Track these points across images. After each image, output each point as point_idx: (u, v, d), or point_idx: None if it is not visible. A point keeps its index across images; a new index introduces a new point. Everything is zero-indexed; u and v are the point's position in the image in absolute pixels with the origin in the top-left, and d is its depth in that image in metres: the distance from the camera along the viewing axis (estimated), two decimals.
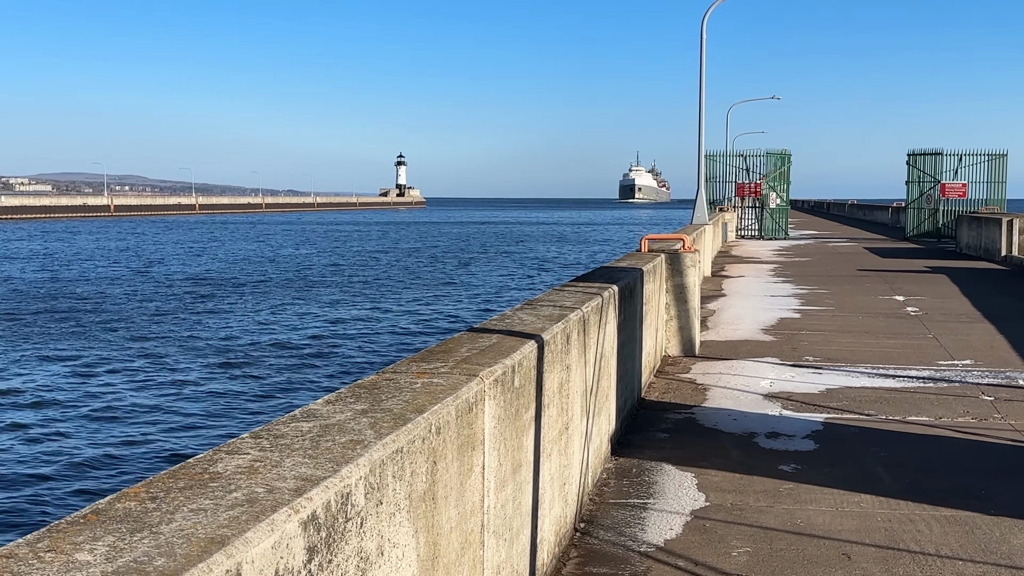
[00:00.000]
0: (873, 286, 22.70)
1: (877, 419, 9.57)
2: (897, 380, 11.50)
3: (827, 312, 18.00)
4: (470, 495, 3.95)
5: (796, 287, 22.59)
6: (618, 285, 8.45)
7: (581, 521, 6.57)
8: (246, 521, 2.25)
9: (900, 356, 13.15)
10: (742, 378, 11.65)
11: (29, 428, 17.86)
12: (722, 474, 7.65)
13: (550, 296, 7.40)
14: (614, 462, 8.02)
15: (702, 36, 32.58)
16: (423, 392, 3.73)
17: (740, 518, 6.62)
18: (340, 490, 2.61)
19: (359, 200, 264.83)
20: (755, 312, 17.87)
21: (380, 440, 2.99)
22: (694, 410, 9.97)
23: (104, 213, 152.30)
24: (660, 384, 11.29)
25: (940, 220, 44.14)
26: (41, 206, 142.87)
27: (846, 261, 31.17)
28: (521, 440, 4.88)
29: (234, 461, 2.74)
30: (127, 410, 19.30)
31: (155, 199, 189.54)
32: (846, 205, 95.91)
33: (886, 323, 16.43)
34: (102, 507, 2.33)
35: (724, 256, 33.45)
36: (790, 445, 8.58)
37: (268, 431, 3.08)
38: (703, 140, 32.66)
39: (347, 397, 3.62)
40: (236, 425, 17.96)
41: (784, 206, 46.62)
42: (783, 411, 9.90)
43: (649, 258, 12.04)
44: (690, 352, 13.22)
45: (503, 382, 4.44)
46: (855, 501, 6.98)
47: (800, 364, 12.60)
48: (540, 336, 5.34)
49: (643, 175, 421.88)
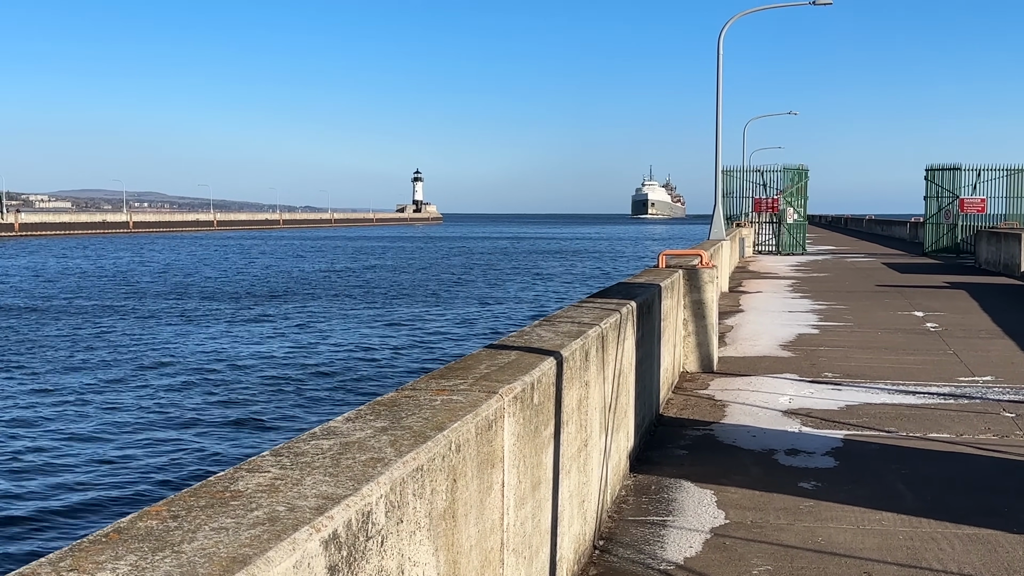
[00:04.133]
0: (892, 302, 22.59)
1: (898, 436, 9.50)
2: (917, 396, 11.42)
3: (846, 328, 17.91)
4: (490, 513, 3.93)
5: (814, 303, 22.49)
6: (636, 301, 8.43)
7: (600, 539, 6.54)
8: (267, 540, 2.25)
9: (920, 372, 13.07)
10: (761, 394, 11.59)
11: (51, 445, 17.94)
12: (741, 491, 7.61)
13: (568, 312, 7.39)
14: (633, 479, 7.99)
15: (719, 53, 32.61)
16: (443, 409, 3.73)
17: (760, 536, 6.57)
18: (361, 508, 2.61)
19: (376, 216, 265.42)
20: (773, 328, 17.80)
21: (400, 458, 2.99)
22: (713, 427, 9.92)
23: (123, 230, 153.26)
24: (678, 400, 11.25)
25: (959, 235, 43.92)
26: (61, 223, 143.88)
27: (864, 276, 31.03)
28: (540, 457, 4.87)
29: (255, 479, 2.73)
30: (144, 427, 19.36)
31: (173, 216, 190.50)
32: (864, 220, 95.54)
33: (905, 339, 16.34)
34: (124, 526, 2.33)
35: (741, 271, 33.36)
36: (810, 462, 8.52)
37: (288, 449, 3.08)
38: (720, 156, 32.69)
39: (367, 414, 3.62)
40: (256, 442, 17.99)
41: (802, 221, 46.48)
42: (802, 428, 9.84)
43: (667, 274, 12.01)
44: (708, 368, 13.18)
45: (522, 399, 4.43)
46: (876, 519, 6.92)
47: (819, 380, 12.53)
48: (559, 353, 5.33)
49: (656, 190, 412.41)
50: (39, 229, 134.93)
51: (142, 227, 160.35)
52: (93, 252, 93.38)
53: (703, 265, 13.46)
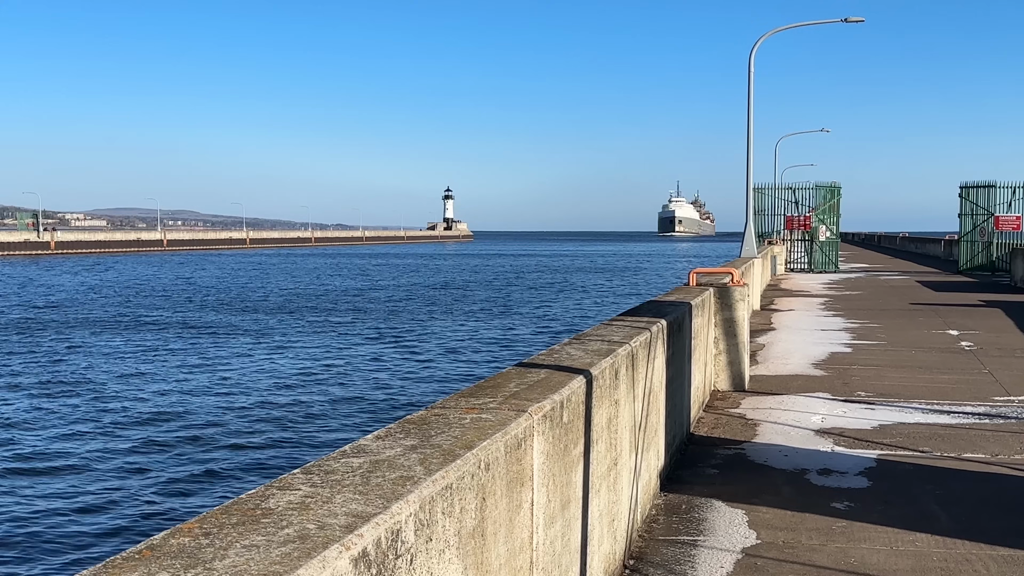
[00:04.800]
0: (926, 320, 22.38)
1: (932, 456, 9.40)
2: (952, 416, 11.30)
3: (879, 346, 17.76)
4: (519, 532, 3.93)
5: (847, 321, 22.32)
6: (666, 319, 8.41)
7: (630, 558, 6.51)
8: (298, 558, 2.26)
9: (954, 391, 12.93)
10: (793, 413, 11.51)
11: (84, 462, 18.10)
12: (773, 511, 7.55)
13: (598, 330, 7.38)
14: (663, 498, 7.95)
15: (750, 70, 32.53)
16: (472, 428, 3.73)
17: (792, 556, 6.52)
18: (391, 527, 2.62)
19: (407, 234, 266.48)
20: (805, 346, 17.68)
21: (430, 476, 3.00)
22: (744, 446, 9.86)
23: (157, 248, 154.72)
24: (709, 419, 11.19)
25: (994, 253, 43.47)
26: (96, 241, 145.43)
27: (898, 295, 30.77)
28: (570, 476, 4.86)
29: (286, 497, 2.75)
30: (176, 444, 19.49)
31: (206, 233, 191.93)
32: (897, 238, 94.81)
33: (940, 358, 16.17)
34: (157, 543, 2.36)
35: (773, 289, 33.18)
36: (843, 482, 8.45)
37: (319, 467, 3.10)
38: (751, 173, 32.54)
39: (396, 432, 3.63)
40: (286, 459, 18.06)
41: (834, 239, 46.19)
42: (835, 447, 9.76)
43: (697, 292, 11.97)
44: (739, 387, 13.11)
45: (552, 418, 4.43)
46: (910, 540, 6.85)
47: (852, 399, 12.43)
48: (588, 371, 5.33)
49: (684, 206, 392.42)
50: (75, 247, 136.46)
51: (175, 245, 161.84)
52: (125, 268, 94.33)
53: (734, 283, 13.40)
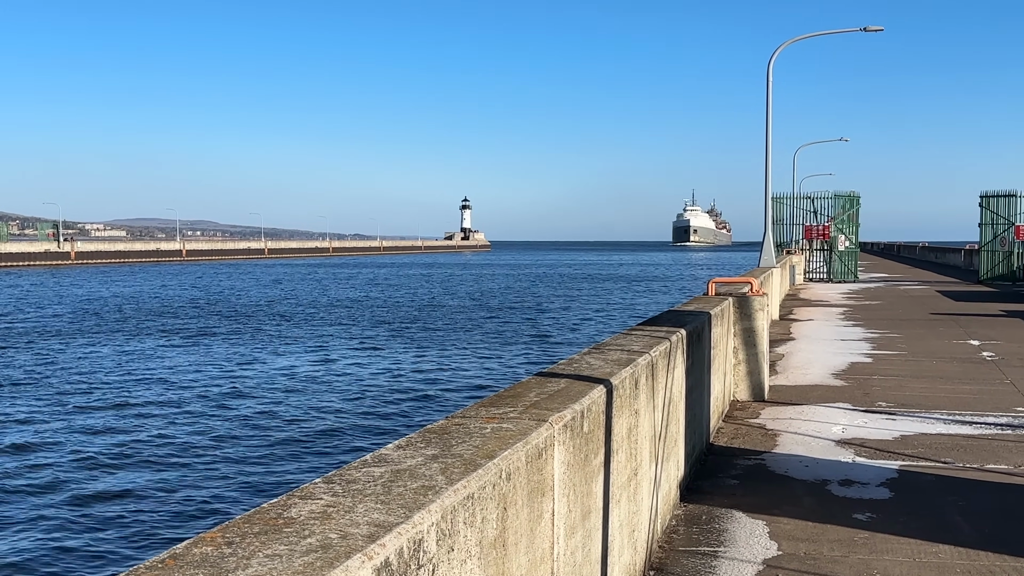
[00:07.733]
0: (947, 330, 22.24)
1: (954, 467, 9.33)
2: (974, 427, 11.22)
3: (900, 357, 17.66)
4: (540, 542, 3.92)
5: (867, 331, 22.21)
6: (686, 329, 8.38)
7: (650, 569, 6.48)
8: (320, 567, 2.26)
9: (976, 402, 12.84)
10: (813, 424, 11.45)
11: (108, 472, 18.17)
12: (794, 522, 7.50)
13: (618, 340, 7.37)
14: (683, 509, 7.92)
15: (768, 80, 32.49)
16: (493, 437, 3.72)
17: (814, 568, 6.47)
18: (412, 536, 2.61)
19: (424, 244, 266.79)
20: (825, 356, 17.60)
21: (451, 486, 2.99)
22: (764, 456, 9.81)
23: (176, 258, 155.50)
24: (729, 429, 11.15)
25: (1015, 263, 43.21)
26: (116, 251, 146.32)
27: (918, 305, 30.60)
28: (590, 486, 4.84)
29: (307, 506, 2.75)
30: (199, 453, 19.55)
31: (225, 244, 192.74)
32: (917, 247, 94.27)
33: (961, 368, 16.07)
34: (180, 552, 2.36)
35: (792, 299, 33.05)
36: (864, 493, 8.39)
37: (340, 476, 3.09)
38: (770, 183, 32.49)
39: (417, 442, 3.62)
40: (308, 468, 18.09)
41: (853, 248, 46.00)
42: (856, 458, 9.70)
43: (716, 301, 11.93)
44: (759, 397, 13.05)
45: (572, 427, 4.41)
46: (933, 551, 6.79)
47: (873, 410, 12.35)
48: (608, 381, 5.31)
49: (699, 216, 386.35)
50: (94, 257, 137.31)
51: (194, 255, 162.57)
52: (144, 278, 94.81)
53: (753, 293, 13.36)
